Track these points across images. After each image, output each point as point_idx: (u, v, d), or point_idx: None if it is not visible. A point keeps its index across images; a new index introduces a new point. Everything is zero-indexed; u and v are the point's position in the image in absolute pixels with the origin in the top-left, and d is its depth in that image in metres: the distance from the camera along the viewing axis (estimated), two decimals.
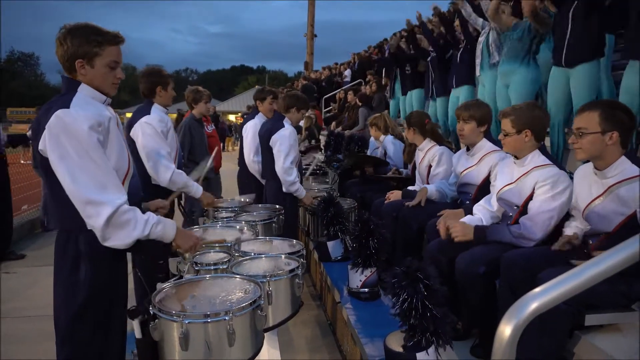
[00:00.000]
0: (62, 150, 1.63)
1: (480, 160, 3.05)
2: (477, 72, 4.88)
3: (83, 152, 1.63)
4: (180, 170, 3.14)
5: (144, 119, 3.05)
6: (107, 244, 1.68)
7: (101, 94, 1.81)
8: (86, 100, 1.74)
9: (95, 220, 1.64)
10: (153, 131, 3.02)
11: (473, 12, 5.06)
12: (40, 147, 1.66)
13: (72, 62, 1.73)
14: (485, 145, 3.07)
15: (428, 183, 3.66)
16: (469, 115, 3.03)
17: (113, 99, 1.91)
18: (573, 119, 3.77)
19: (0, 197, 5.50)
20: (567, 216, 2.37)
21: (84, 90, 1.76)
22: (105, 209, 1.62)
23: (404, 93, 7.58)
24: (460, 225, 2.51)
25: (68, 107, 1.66)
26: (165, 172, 3.01)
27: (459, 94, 5.45)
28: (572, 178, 2.35)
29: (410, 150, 4.18)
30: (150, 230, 1.73)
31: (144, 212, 2.19)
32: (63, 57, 1.74)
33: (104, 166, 1.67)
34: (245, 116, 19.34)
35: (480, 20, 4.90)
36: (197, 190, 3.22)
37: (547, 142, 3.65)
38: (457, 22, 6.15)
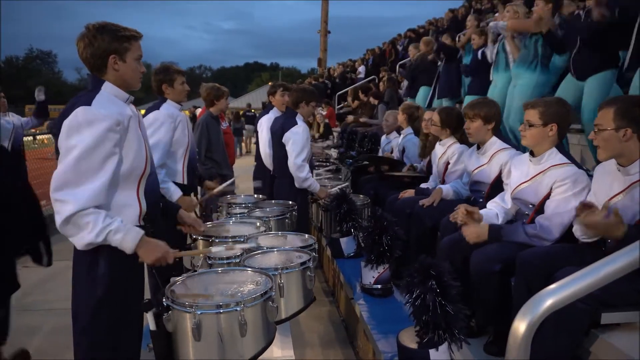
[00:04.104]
0: (69, 146, 1.66)
1: (491, 159, 3.03)
2: (491, 76, 4.89)
3: (84, 151, 1.64)
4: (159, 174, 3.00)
5: (151, 114, 3.09)
6: (71, 240, 1.70)
7: (124, 93, 1.85)
8: (109, 99, 1.77)
9: (57, 217, 1.65)
10: (156, 127, 3.03)
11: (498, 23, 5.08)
12: (59, 141, 1.70)
13: (104, 58, 1.76)
14: (495, 143, 3.05)
15: (444, 180, 3.64)
16: (474, 114, 3.02)
17: None
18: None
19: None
20: None
21: (107, 89, 1.79)
22: (67, 207, 1.62)
23: (413, 95, 7.55)
24: (473, 227, 2.49)
25: (90, 104, 1.69)
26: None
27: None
28: (590, 176, 2.31)
29: (425, 145, 4.16)
30: (106, 238, 1.67)
31: (171, 211, 2.20)
32: (93, 55, 1.76)
33: (100, 169, 1.67)
34: (247, 113, 19.60)
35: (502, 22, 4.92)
36: (174, 192, 3.04)
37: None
38: (469, 23, 6.13)
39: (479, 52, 5.43)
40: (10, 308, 2.74)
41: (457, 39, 6.80)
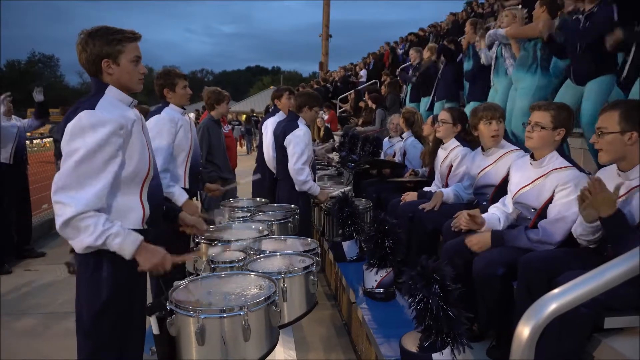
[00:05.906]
0: (71, 150, 1.67)
1: (498, 160, 3.03)
2: (491, 82, 4.90)
3: (86, 155, 1.65)
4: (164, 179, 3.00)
5: (152, 119, 3.10)
6: (71, 243, 1.71)
7: (127, 96, 1.85)
8: (112, 102, 1.78)
9: (57, 219, 1.66)
10: (157, 131, 3.03)
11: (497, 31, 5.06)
12: (62, 144, 1.71)
13: (98, 63, 1.78)
14: (503, 145, 3.05)
15: (447, 184, 3.64)
16: (500, 115, 3.03)
17: None
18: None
19: (21, 197, 5.70)
20: None
21: (111, 92, 1.80)
22: (68, 210, 1.63)
23: (416, 100, 7.54)
24: (476, 237, 2.50)
25: (93, 108, 1.70)
26: None
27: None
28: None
29: (429, 151, 4.15)
30: (105, 241, 1.67)
31: (173, 212, 2.19)
32: (88, 61, 1.78)
33: (102, 172, 1.67)
34: (252, 118, 20.04)
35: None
36: (179, 196, 3.05)
37: None
38: (467, 29, 6.15)
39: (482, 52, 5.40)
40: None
41: (459, 41, 6.79)
